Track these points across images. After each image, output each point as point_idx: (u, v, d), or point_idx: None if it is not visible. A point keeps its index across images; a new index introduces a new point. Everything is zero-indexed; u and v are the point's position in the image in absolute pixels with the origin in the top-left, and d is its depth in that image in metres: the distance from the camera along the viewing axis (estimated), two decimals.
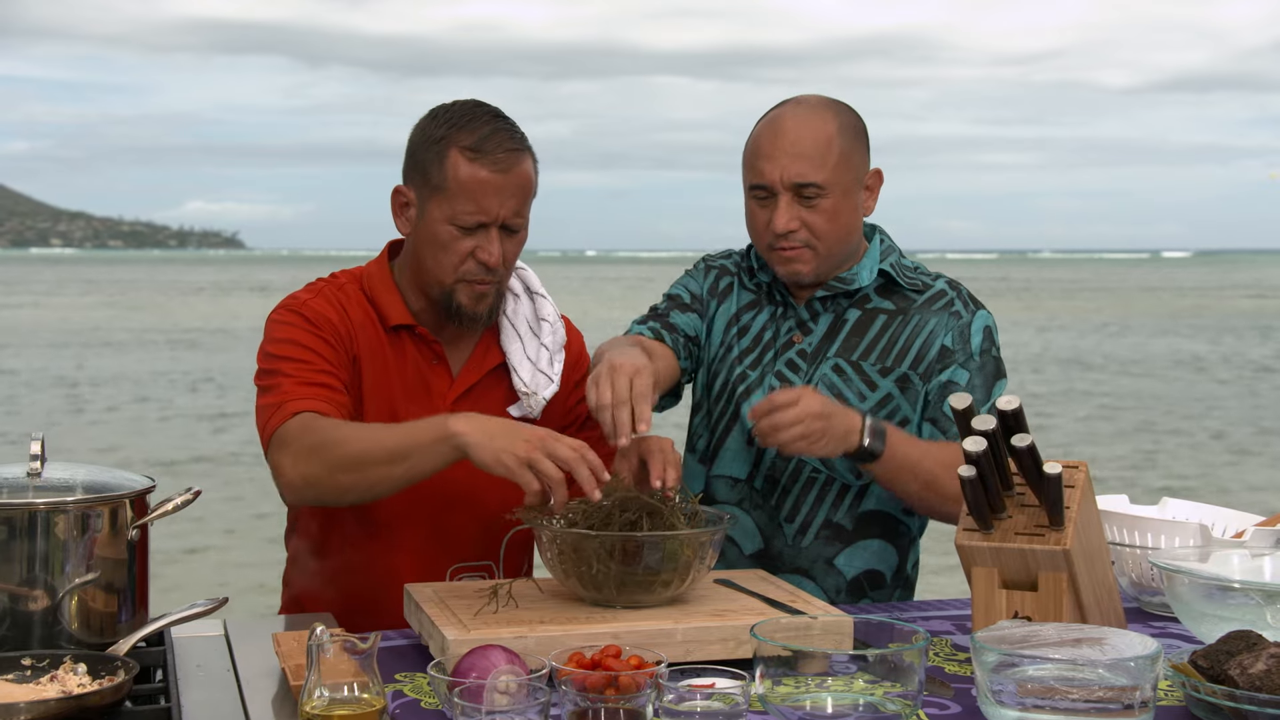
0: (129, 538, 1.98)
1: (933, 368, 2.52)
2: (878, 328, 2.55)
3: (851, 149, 2.49)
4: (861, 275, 2.56)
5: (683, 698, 1.65)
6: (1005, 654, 1.68)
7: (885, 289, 2.59)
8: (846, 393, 2.52)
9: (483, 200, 2.32)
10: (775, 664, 1.68)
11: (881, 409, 2.51)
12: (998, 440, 1.92)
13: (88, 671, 1.74)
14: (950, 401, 1.95)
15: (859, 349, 2.54)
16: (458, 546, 2.44)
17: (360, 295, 2.45)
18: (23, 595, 1.90)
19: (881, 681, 1.69)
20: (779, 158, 2.45)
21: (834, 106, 2.52)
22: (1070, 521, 1.93)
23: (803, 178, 2.44)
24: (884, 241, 2.63)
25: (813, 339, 2.57)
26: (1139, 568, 2.34)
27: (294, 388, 2.27)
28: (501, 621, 1.90)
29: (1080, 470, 1.99)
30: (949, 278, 2.63)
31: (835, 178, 2.46)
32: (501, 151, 2.32)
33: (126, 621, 1.97)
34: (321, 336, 2.36)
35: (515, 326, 2.50)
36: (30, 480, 1.96)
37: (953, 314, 2.55)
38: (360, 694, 1.62)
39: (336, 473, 2.16)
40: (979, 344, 2.54)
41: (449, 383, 2.45)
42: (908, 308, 2.57)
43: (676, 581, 1.99)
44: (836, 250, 2.52)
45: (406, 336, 2.45)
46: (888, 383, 2.52)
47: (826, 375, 2.53)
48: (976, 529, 1.98)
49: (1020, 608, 1.97)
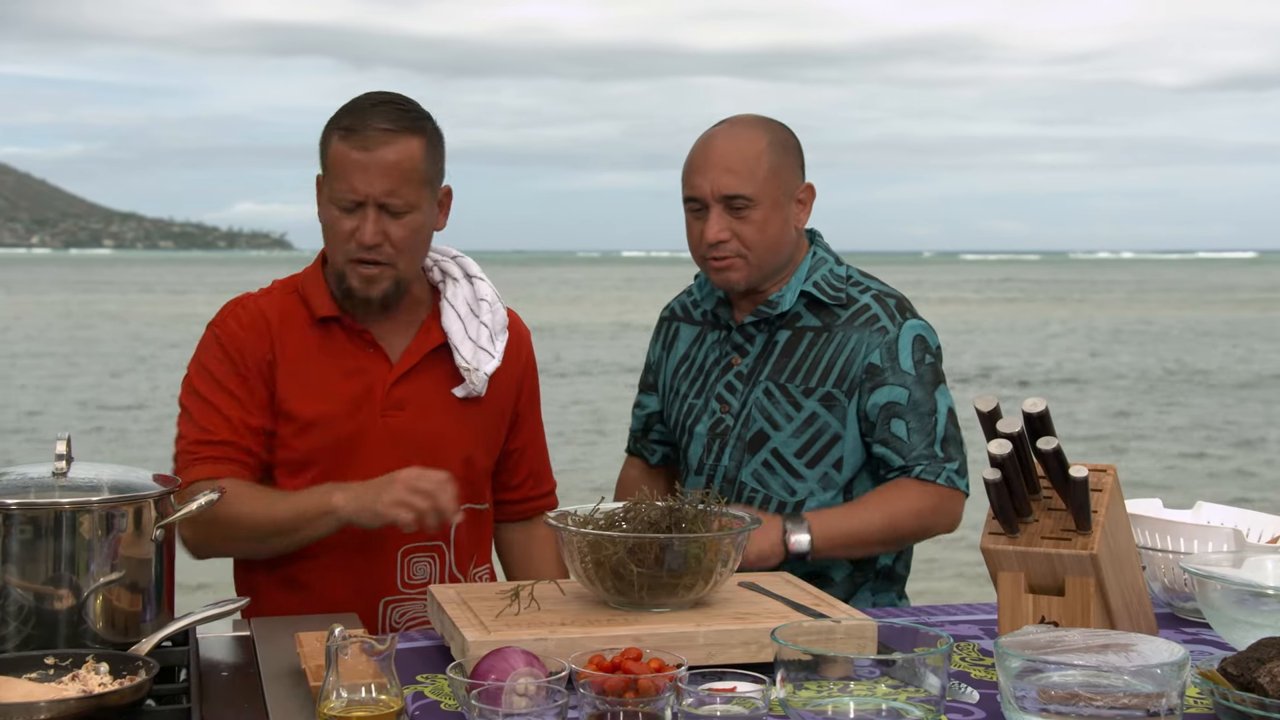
0: (153, 537, 1.98)
1: (860, 386, 2.57)
2: (803, 347, 2.62)
3: (781, 164, 2.58)
4: (786, 298, 2.62)
5: (702, 701, 1.64)
6: (1029, 659, 1.66)
7: (812, 305, 2.64)
8: (775, 414, 2.60)
9: (351, 178, 2.37)
10: (796, 668, 1.67)
11: (808, 428, 2.59)
12: (1024, 443, 1.89)
13: (110, 671, 1.74)
14: (975, 405, 1.93)
15: (786, 370, 2.61)
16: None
17: (293, 296, 2.51)
18: (48, 594, 1.91)
19: (905, 686, 1.67)
20: (709, 171, 2.55)
21: (765, 124, 2.61)
22: (1098, 525, 1.90)
23: (731, 189, 2.53)
24: (816, 254, 2.67)
25: (748, 361, 2.65)
26: (1171, 573, 2.31)
27: (196, 445, 2.42)
28: (522, 623, 1.90)
29: (1108, 474, 1.96)
30: (880, 289, 2.66)
31: (764, 190, 2.54)
32: (373, 131, 2.37)
33: (151, 621, 1.98)
34: (228, 354, 2.45)
35: (455, 308, 2.54)
36: (56, 480, 1.97)
37: (877, 329, 2.59)
38: (378, 695, 1.62)
39: (230, 543, 2.42)
40: (910, 356, 2.58)
41: (387, 368, 2.49)
42: (831, 324, 2.61)
43: (700, 584, 1.98)
44: (767, 260, 2.59)
45: (336, 328, 2.49)
46: (811, 403, 2.58)
47: (758, 399, 2.62)
48: (1002, 533, 1.95)
49: (1047, 613, 1.95)
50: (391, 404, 2.47)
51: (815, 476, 2.60)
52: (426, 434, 2.47)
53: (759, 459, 2.61)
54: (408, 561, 2.49)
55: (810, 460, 2.60)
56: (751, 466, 2.62)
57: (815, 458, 2.59)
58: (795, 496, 2.60)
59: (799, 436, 2.59)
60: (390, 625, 2.48)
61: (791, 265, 2.65)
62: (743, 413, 2.63)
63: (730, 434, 2.64)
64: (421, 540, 2.48)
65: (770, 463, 2.61)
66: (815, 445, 2.59)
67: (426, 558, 2.50)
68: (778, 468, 2.61)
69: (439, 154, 2.46)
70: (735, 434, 2.63)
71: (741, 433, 2.62)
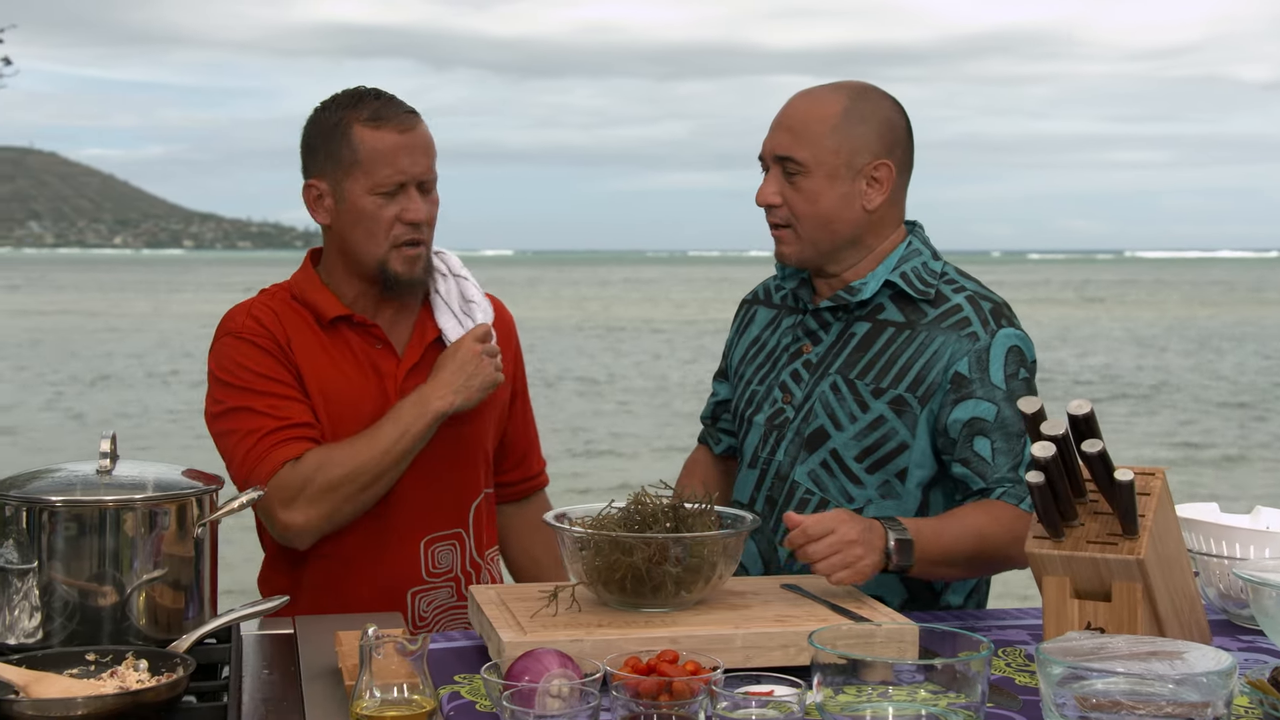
0: (195, 535, 2.00)
1: (942, 395, 2.34)
2: (882, 343, 2.40)
3: (853, 134, 2.38)
4: (869, 285, 2.41)
5: (737, 705, 1.62)
6: (1071, 666, 1.63)
7: (898, 298, 2.43)
8: (839, 412, 2.40)
9: (397, 161, 2.42)
10: (833, 672, 1.64)
11: (873, 431, 2.37)
12: (1070, 446, 1.86)
13: (148, 668, 1.76)
14: (1019, 406, 1.89)
15: (859, 366, 2.40)
16: (430, 516, 2.52)
17: (292, 302, 2.52)
18: (92, 591, 1.93)
19: (945, 692, 1.64)
20: (775, 129, 2.42)
21: (851, 90, 2.42)
22: (1145, 530, 1.86)
23: (784, 150, 2.38)
24: (912, 244, 2.45)
25: (820, 349, 2.45)
26: (1226, 579, 2.26)
27: (268, 432, 2.38)
28: (559, 624, 1.89)
29: (1157, 477, 1.92)
30: (976, 291, 2.43)
31: (820, 157, 2.36)
32: (402, 113, 2.44)
33: (193, 618, 1.99)
34: (267, 351, 2.45)
35: (449, 304, 2.56)
36: (100, 478, 1.99)
37: (967, 335, 2.35)
38: (411, 695, 1.62)
39: (355, 498, 2.39)
40: (1002, 369, 2.34)
41: (396, 363, 2.52)
42: (916, 322, 2.39)
43: (700, 584, 1.97)
44: (820, 237, 2.40)
45: (345, 328, 2.51)
46: (880, 404, 2.37)
47: (823, 393, 2.42)
48: (1047, 536, 1.92)
49: (1093, 618, 1.91)
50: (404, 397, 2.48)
51: (875, 484, 2.38)
52: (445, 424, 2.47)
53: (816, 458, 2.41)
54: (431, 551, 2.52)
55: (871, 466, 2.38)
56: (808, 466, 2.42)
57: (877, 464, 2.38)
58: (853, 503, 2.39)
59: (862, 440, 2.38)
60: (419, 615, 2.50)
61: (873, 250, 2.44)
62: (805, 405, 2.43)
63: (789, 427, 2.44)
64: (443, 529, 2.52)
65: (829, 464, 2.40)
66: (879, 451, 2.38)
67: (448, 545, 2.53)
68: (836, 470, 2.40)
69: None
70: (794, 428, 2.43)
71: (801, 427, 2.43)
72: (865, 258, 2.44)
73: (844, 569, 2.08)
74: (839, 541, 2.08)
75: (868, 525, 2.13)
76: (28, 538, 1.92)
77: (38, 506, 1.93)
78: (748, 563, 2.50)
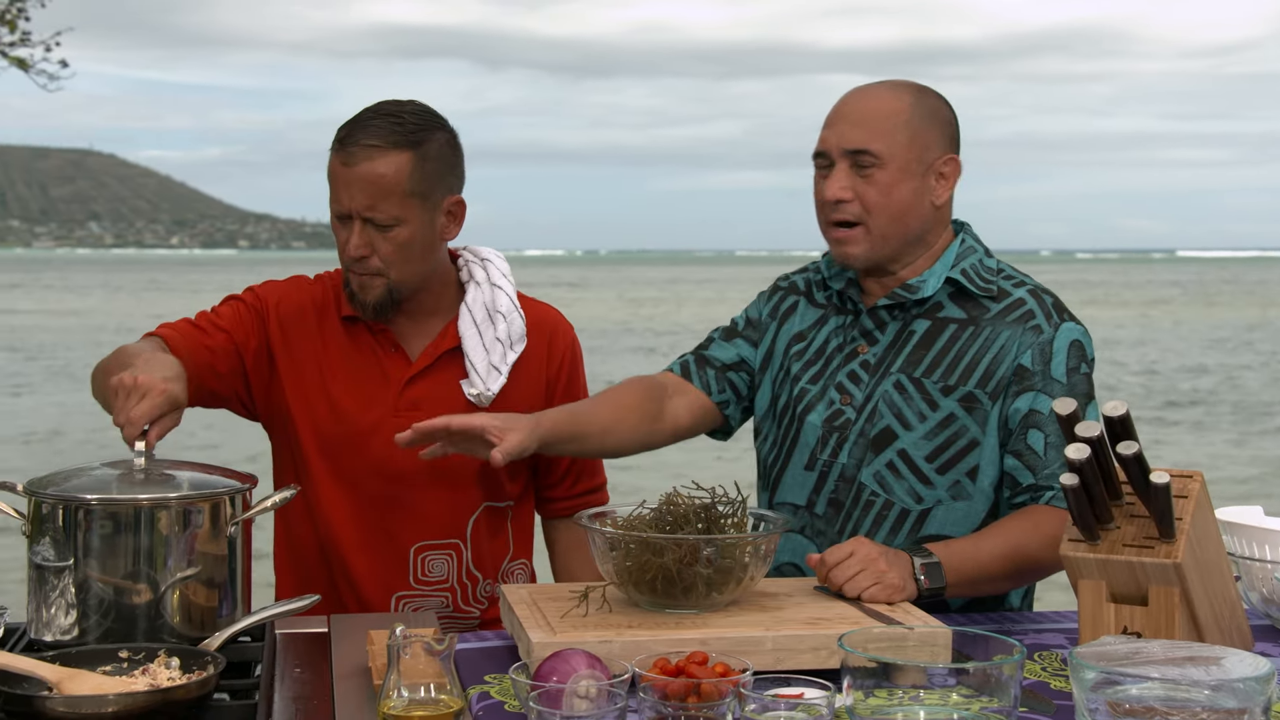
0: (228, 534, 2.01)
1: (1006, 388, 2.33)
2: (945, 340, 2.38)
3: (923, 128, 2.37)
4: (929, 283, 2.39)
5: (766, 707, 1.61)
6: (1104, 671, 1.61)
7: (958, 295, 2.41)
8: (906, 412, 2.36)
9: (335, 190, 2.43)
10: (863, 675, 1.63)
11: (943, 430, 2.34)
12: (1105, 448, 1.83)
13: (180, 666, 1.77)
14: (1054, 407, 1.87)
15: (923, 364, 2.37)
16: (420, 525, 2.52)
17: (324, 292, 2.58)
18: (127, 589, 1.94)
19: (977, 696, 1.63)
20: (839, 124, 2.36)
21: (912, 87, 2.41)
22: (1182, 533, 1.84)
23: (858, 143, 2.34)
24: (965, 242, 2.44)
25: (877, 350, 2.41)
26: (1270, 583, 2.22)
27: (174, 323, 2.51)
28: (589, 625, 1.89)
29: (1195, 480, 1.89)
30: (1035, 285, 2.43)
31: (895, 151, 2.33)
32: (355, 145, 2.40)
33: (226, 616, 2.01)
34: (243, 312, 2.53)
35: (473, 313, 2.55)
36: (135, 477, 2.00)
37: (1031, 328, 2.34)
38: (438, 695, 1.62)
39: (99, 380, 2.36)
40: (1064, 363, 2.33)
41: (406, 367, 2.53)
42: (979, 318, 2.37)
43: (731, 585, 1.96)
44: (891, 232, 2.36)
45: (362, 327, 2.54)
46: (950, 402, 2.34)
47: (887, 393, 2.38)
48: (1082, 539, 1.90)
49: (1130, 623, 1.88)
50: (406, 403, 2.50)
51: (946, 484, 2.35)
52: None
53: (883, 459, 2.36)
54: (421, 560, 2.52)
55: (942, 466, 2.34)
56: (874, 467, 2.37)
57: (948, 463, 2.34)
58: (921, 504, 2.35)
59: (932, 439, 2.34)
60: None
61: (932, 249, 2.42)
62: (867, 406, 2.38)
63: (851, 428, 2.39)
64: (437, 539, 2.52)
65: (896, 465, 2.36)
66: (949, 450, 2.34)
67: (443, 555, 2.53)
68: (904, 471, 2.36)
69: (437, 167, 2.44)
70: (857, 429, 2.38)
71: (865, 428, 2.38)
72: (923, 256, 2.42)
73: (872, 584, 2.08)
74: (862, 559, 2.09)
75: (888, 549, 2.15)
76: (64, 535, 1.94)
77: (74, 505, 1.95)
78: (804, 566, 2.43)
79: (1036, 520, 2.26)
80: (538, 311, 2.63)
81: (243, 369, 2.50)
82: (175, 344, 2.42)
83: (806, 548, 2.41)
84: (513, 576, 2.63)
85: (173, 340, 2.43)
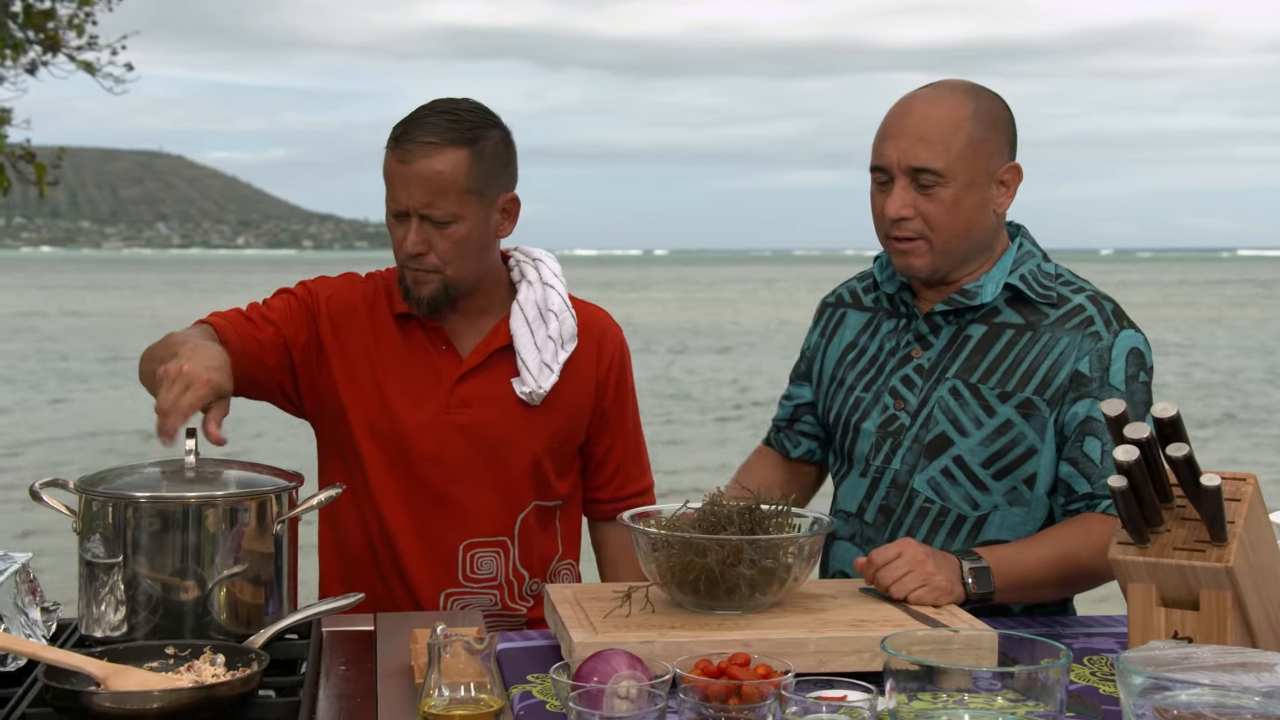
0: (275, 532, 2.02)
1: (1064, 395, 2.30)
2: (1002, 346, 2.35)
3: (985, 138, 2.32)
4: (987, 289, 2.36)
5: (807, 709, 1.60)
6: (1152, 676, 1.58)
7: (1016, 301, 2.38)
8: (962, 418, 2.33)
9: (392, 188, 2.43)
10: (907, 678, 1.61)
11: (1000, 436, 2.31)
12: (1155, 450, 1.81)
13: (225, 663, 1.78)
14: (1102, 408, 1.84)
15: (979, 369, 2.34)
16: (471, 522, 2.52)
17: (382, 288, 2.59)
18: (174, 586, 1.96)
19: (1023, 700, 1.61)
20: (900, 138, 2.31)
21: (972, 91, 2.35)
22: (1234, 536, 1.81)
23: (920, 162, 2.28)
24: (1023, 246, 2.42)
25: (931, 354, 2.39)
26: None
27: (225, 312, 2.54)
28: (632, 625, 1.88)
29: (1248, 483, 1.86)
30: (1095, 291, 2.39)
31: (958, 166, 2.29)
32: (412, 143, 2.40)
33: (272, 614, 2.02)
34: (295, 306, 2.54)
35: (525, 311, 2.56)
36: (184, 475, 2.02)
37: (1090, 334, 2.32)
38: (478, 694, 1.63)
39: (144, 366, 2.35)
40: (1122, 370, 2.31)
41: (458, 365, 2.53)
42: (1038, 324, 2.34)
43: (775, 587, 1.95)
44: (955, 245, 2.33)
45: (415, 324, 2.55)
46: (1007, 408, 2.31)
47: (943, 398, 2.35)
48: (1131, 543, 1.87)
49: (1180, 628, 1.85)
50: (457, 401, 2.50)
51: (1002, 490, 2.33)
52: (490, 433, 2.49)
53: (938, 465, 2.34)
54: (470, 557, 2.52)
55: (999, 472, 2.32)
56: (928, 473, 2.35)
57: (1005, 470, 2.32)
58: (978, 510, 2.33)
59: (989, 445, 2.31)
60: None
61: (991, 255, 2.40)
62: (922, 412, 2.36)
63: (905, 434, 2.37)
64: (486, 536, 2.52)
65: (951, 471, 2.34)
66: (1007, 456, 2.32)
67: (491, 553, 2.53)
68: (960, 477, 2.33)
69: (493, 164, 2.45)
70: (911, 434, 2.37)
71: (920, 434, 2.36)
72: (982, 261, 2.40)
73: (919, 586, 2.07)
74: (909, 561, 2.08)
75: (936, 551, 2.14)
76: (113, 533, 1.96)
77: (123, 502, 1.97)
78: (852, 571, 2.43)
79: (1089, 528, 2.25)
80: (587, 313, 2.62)
81: (290, 363, 2.52)
82: (224, 332, 2.44)
83: (858, 555, 2.39)
84: (559, 576, 2.63)
85: (222, 329, 2.45)
